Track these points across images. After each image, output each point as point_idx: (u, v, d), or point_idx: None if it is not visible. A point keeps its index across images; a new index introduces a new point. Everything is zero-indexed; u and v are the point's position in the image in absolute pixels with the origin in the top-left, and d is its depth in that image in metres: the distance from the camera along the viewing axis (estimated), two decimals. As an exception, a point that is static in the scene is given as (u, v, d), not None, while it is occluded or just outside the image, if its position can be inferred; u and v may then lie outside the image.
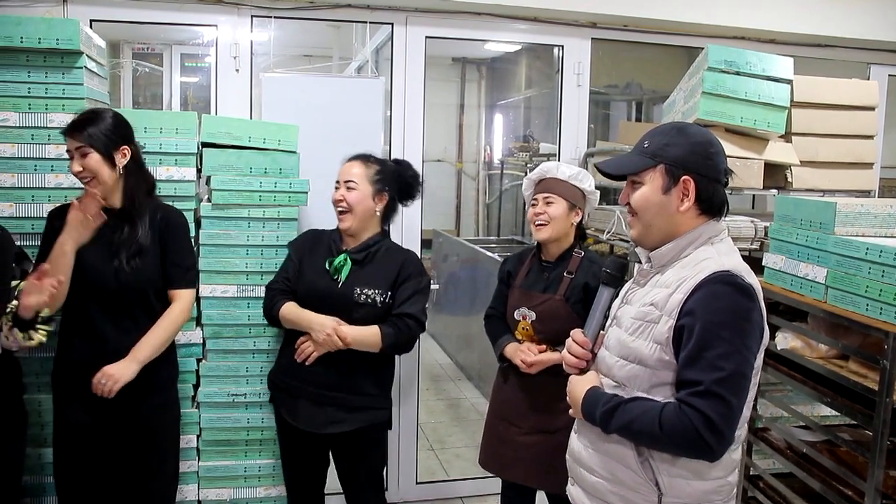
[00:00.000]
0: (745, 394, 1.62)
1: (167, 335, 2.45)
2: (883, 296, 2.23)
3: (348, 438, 2.60)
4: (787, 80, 3.14)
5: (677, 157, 1.71)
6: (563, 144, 3.82)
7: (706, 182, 1.71)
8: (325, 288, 2.55)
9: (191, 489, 2.85)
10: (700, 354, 1.59)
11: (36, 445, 2.64)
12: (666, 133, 1.76)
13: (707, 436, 1.55)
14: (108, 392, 2.31)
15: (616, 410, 1.70)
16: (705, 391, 1.56)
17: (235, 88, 3.36)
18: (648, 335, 1.70)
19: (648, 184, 1.74)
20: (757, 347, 1.65)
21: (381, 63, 3.93)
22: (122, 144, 2.35)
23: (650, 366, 1.69)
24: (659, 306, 1.69)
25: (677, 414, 1.59)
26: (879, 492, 2.22)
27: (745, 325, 1.61)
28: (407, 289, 2.56)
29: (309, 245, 2.67)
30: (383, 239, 2.66)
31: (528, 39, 3.87)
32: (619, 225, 3.30)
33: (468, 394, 5.47)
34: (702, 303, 1.61)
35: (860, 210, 2.50)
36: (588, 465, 1.84)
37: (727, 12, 3.68)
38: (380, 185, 2.60)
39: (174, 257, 2.46)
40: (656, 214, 1.74)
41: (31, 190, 2.58)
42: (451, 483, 3.92)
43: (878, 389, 2.20)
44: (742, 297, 1.62)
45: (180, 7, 3.27)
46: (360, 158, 2.63)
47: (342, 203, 2.56)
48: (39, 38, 2.49)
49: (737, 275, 1.63)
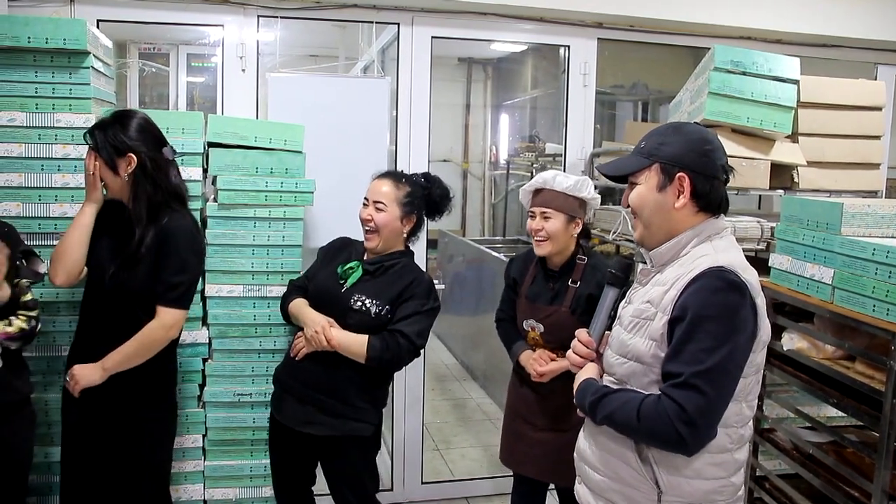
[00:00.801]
0: (726, 389, 1.61)
1: (137, 349, 2.32)
2: (890, 296, 2.23)
3: (330, 445, 2.55)
4: (794, 80, 3.13)
5: (671, 155, 1.72)
6: (569, 144, 3.82)
7: (702, 178, 1.71)
8: (329, 289, 2.55)
9: (196, 489, 2.86)
10: (683, 347, 1.60)
11: (43, 444, 2.65)
12: (661, 133, 1.78)
13: (681, 427, 1.55)
14: (72, 390, 2.33)
15: (601, 400, 1.72)
16: (683, 382, 1.57)
17: (242, 88, 3.37)
18: (645, 332, 1.72)
19: (644, 183, 1.76)
20: (748, 343, 1.64)
21: (388, 63, 3.93)
22: (129, 152, 2.28)
23: (647, 362, 1.70)
24: (655, 303, 1.71)
25: (655, 405, 1.60)
26: (886, 493, 2.22)
27: (732, 320, 1.60)
28: (408, 307, 2.49)
29: (336, 251, 2.68)
30: (403, 256, 2.60)
31: (534, 39, 3.86)
32: (625, 225, 3.30)
33: (474, 394, 5.46)
34: (692, 297, 1.62)
35: (867, 210, 2.49)
36: (592, 463, 1.85)
37: (733, 12, 3.67)
38: (409, 209, 2.55)
39: (162, 273, 2.32)
40: (653, 212, 1.75)
41: (38, 189, 2.59)
42: (457, 483, 3.92)
43: (885, 390, 2.19)
44: (732, 292, 1.61)
45: (187, 7, 3.28)
46: (391, 177, 2.58)
47: (370, 223, 2.52)
48: (47, 38, 2.49)
49: (729, 270, 1.62)
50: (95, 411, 2.38)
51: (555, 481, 2.71)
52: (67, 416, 2.45)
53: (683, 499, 1.70)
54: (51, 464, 2.67)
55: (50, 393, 2.65)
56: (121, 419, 2.38)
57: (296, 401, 2.55)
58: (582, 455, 1.90)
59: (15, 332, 2.27)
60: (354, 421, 2.52)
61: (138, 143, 2.30)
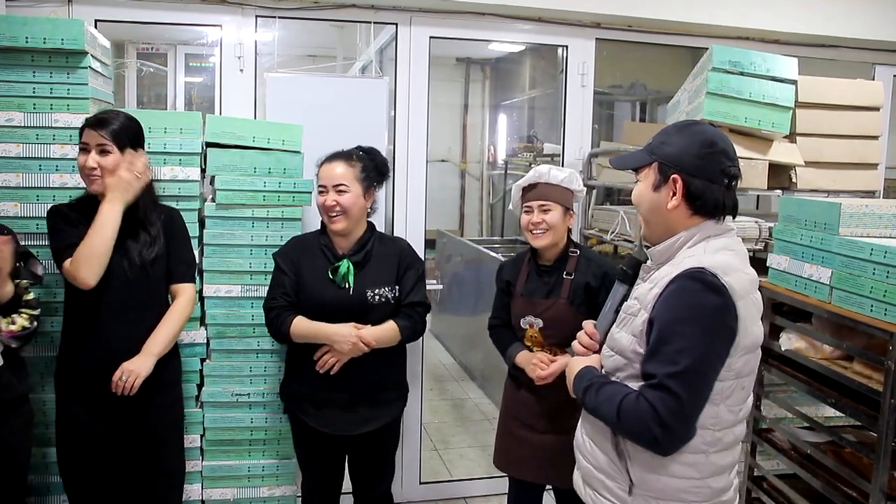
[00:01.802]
0: (700, 391, 1.62)
1: (177, 328, 2.48)
2: (888, 296, 2.23)
3: (373, 432, 2.63)
4: (792, 80, 3.13)
5: (669, 155, 1.73)
6: (567, 145, 3.81)
7: (697, 181, 1.70)
8: (335, 297, 2.52)
9: (194, 489, 2.86)
10: (659, 348, 1.62)
11: (40, 445, 2.64)
12: (667, 131, 1.79)
13: (654, 429, 1.58)
14: (130, 388, 2.31)
15: (589, 391, 1.77)
16: (658, 384, 1.59)
17: (240, 88, 3.36)
18: (629, 327, 1.75)
19: (644, 180, 1.79)
20: (724, 346, 1.63)
21: (386, 63, 3.93)
22: (140, 148, 2.40)
23: (628, 357, 1.73)
24: (640, 300, 1.74)
25: (633, 404, 1.63)
26: (884, 493, 2.22)
27: (708, 322, 1.60)
28: (409, 278, 2.62)
29: (298, 254, 2.61)
30: (373, 233, 2.65)
31: (532, 40, 3.86)
32: (622, 225, 3.30)
33: (472, 394, 5.46)
34: (669, 298, 1.63)
35: (865, 211, 2.50)
36: (583, 450, 1.90)
37: (731, 13, 3.68)
38: (367, 182, 2.58)
39: (177, 253, 2.50)
40: (649, 210, 1.78)
41: (36, 189, 2.59)
42: (455, 483, 3.92)
43: (883, 390, 2.19)
44: (710, 293, 1.60)
45: (185, 7, 3.28)
46: (341, 158, 2.58)
47: (335, 209, 2.51)
48: (44, 38, 2.49)
49: (709, 272, 1.61)
50: (114, 409, 2.38)
51: (556, 483, 2.68)
52: (81, 420, 2.41)
53: (652, 494, 1.72)
54: (49, 464, 2.66)
55: (48, 393, 2.64)
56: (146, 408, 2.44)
57: (341, 409, 2.57)
58: (577, 441, 1.96)
59: (18, 331, 2.28)
60: (398, 401, 2.73)
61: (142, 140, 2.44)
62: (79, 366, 2.39)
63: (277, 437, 2.89)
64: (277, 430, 2.89)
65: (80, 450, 2.43)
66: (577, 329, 2.43)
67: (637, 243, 3.15)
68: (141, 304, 2.42)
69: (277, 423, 2.88)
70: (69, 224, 2.34)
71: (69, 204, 2.42)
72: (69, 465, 2.46)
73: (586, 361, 1.89)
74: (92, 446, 2.42)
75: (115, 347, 2.36)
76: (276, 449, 2.91)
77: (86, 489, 2.47)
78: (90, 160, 2.30)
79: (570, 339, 2.51)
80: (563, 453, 2.55)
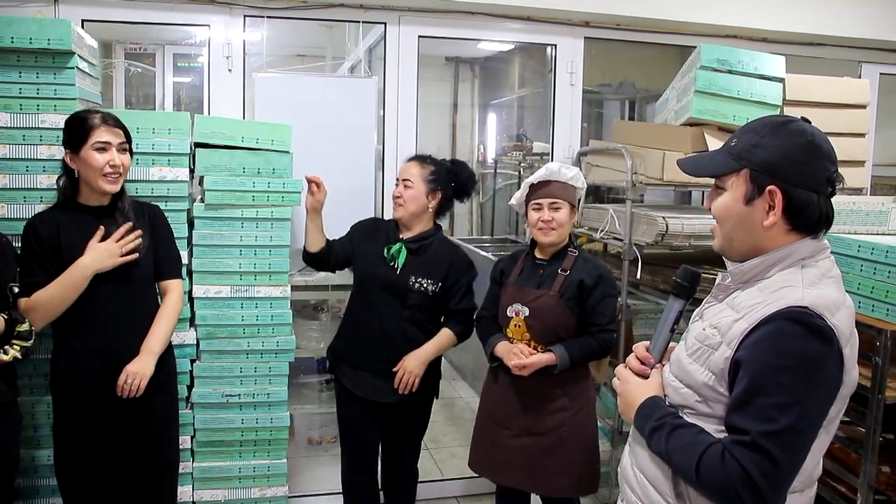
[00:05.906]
0: (799, 453, 1.39)
1: (172, 325, 2.50)
2: (875, 293, 2.24)
3: (405, 404, 2.83)
4: (780, 78, 3.15)
5: (765, 162, 1.44)
6: (557, 143, 3.82)
7: (799, 193, 1.42)
8: (384, 274, 2.76)
9: (185, 490, 2.85)
10: (752, 399, 1.36)
11: (29, 448, 2.63)
12: (757, 131, 1.48)
13: (743, 493, 1.34)
14: (137, 389, 2.32)
15: (659, 432, 1.51)
16: (751, 443, 1.34)
17: (228, 88, 3.35)
18: (705, 361, 1.49)
19: (730, 191, 1.49)
20: (828, 399, 1.41)
21: (375, 62, 3.92)
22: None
23: (703, 395, 1.48)
24: (721, 332, 1.47)
25: (718, 461, 1.38)
26: (872, 488, 2.24)
27: (812, 373, 1.35)
28: (461, 284, 2.82)
29: (369, 231, 2.90)
30: (436, 233, 2.86)
31: (522, 39, 3.87)
32: (612, 224, 3.31)
33: (462, 393, 5.45)
34: (766, 339, 1.37)
35: (852, 208, 2.51)
36: (630, 483, 1.67)
37: (720, 11, 3.69)
38: (433, 185, 2.79)
39: (164, 250, 2.51)
40: (736, 227, 1.50)
41: (23, 191, 2.57)
42: (446, 482, 3.91)
43: (871, 386, 2.21)
44: (815, 340, 1.35)
45: (172, 7, 3.27)
46: (417, 159, 2.85)
47: (399, 199, 2.79)
48: (30, 38, 2.47)
49: (815, 313, 1.36)
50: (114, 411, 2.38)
51: (535, 490, 2.67)
52: (96, 427, 2.40)
53: None
54: (38, 467, 2.66)
55: (35, 396, 2.63)
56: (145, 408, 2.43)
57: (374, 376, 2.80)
58: (623, 472, 1.73)
59: (9, 360, 2.23)
60: (433, 381, 3.01)
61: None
62: (75, 368, 2.37)
63: (268, 438, 2.89)
64: (268, 431, 2.88)
65: (82, 450, 2.41)
66: (562, 324, 2.40)
67: (627, 241, 3.16)
68: (133, 303, 2.41)
69: (268, 424, 2.87)
70: (40, 252, 2.32)
71: (51, 209, 2.40)
72: (70, 465, 2.43)
73: (647, 389, 1.60)
74: (93, 446, 2.41)
75: (111, 347, 2.35)
76: (266, 450, 2.90)
77: (85, 487, 2.44)
78: (117, 158, 2.30)
79: (554, 334, 2.53)
80: (540, 458, 2.55)
